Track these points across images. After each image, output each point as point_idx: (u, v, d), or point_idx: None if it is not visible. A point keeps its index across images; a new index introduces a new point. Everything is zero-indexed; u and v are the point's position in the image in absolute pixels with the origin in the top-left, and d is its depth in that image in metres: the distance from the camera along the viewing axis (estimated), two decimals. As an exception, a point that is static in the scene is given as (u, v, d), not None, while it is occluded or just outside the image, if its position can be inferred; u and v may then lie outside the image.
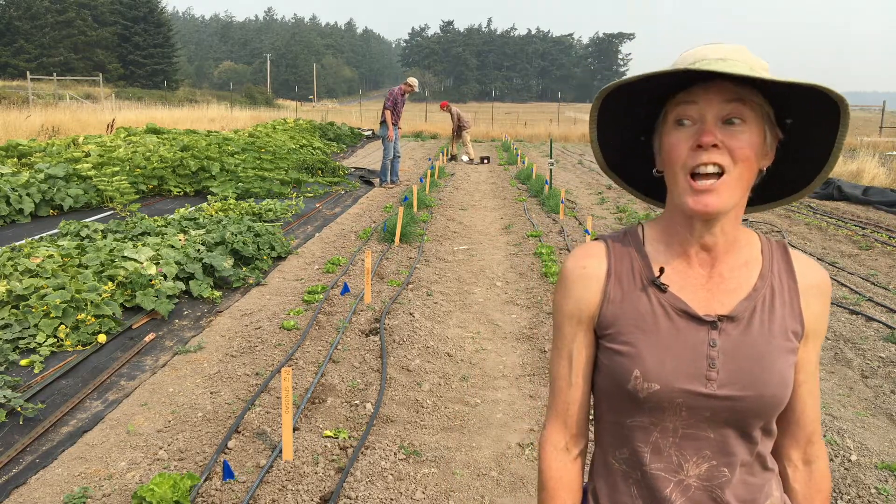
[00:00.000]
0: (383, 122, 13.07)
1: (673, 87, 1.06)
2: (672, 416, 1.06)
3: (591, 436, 1.23)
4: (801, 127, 1.08)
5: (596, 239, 1.19)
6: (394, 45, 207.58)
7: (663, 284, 1.09)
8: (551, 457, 1.18)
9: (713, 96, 1.01)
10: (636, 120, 1.14)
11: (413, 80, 13.37)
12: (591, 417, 1.21)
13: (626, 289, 1.11)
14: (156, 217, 8.02)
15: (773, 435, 1.12)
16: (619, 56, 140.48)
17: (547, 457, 1.19)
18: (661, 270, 1.10)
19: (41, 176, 9.61)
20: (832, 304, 6.05)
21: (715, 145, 1.00)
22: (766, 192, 1.15)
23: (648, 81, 1.04)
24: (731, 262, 1.10)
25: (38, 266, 5.27)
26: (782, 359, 1.06)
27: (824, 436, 3.63)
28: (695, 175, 1.03)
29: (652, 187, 1.21)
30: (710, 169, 1.01)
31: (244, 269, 6.53)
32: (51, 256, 5.57)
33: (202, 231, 7.10)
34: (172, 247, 6.23)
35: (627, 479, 1.12)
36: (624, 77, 1.04)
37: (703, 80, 1.02)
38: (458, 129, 18.98)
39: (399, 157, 13.52)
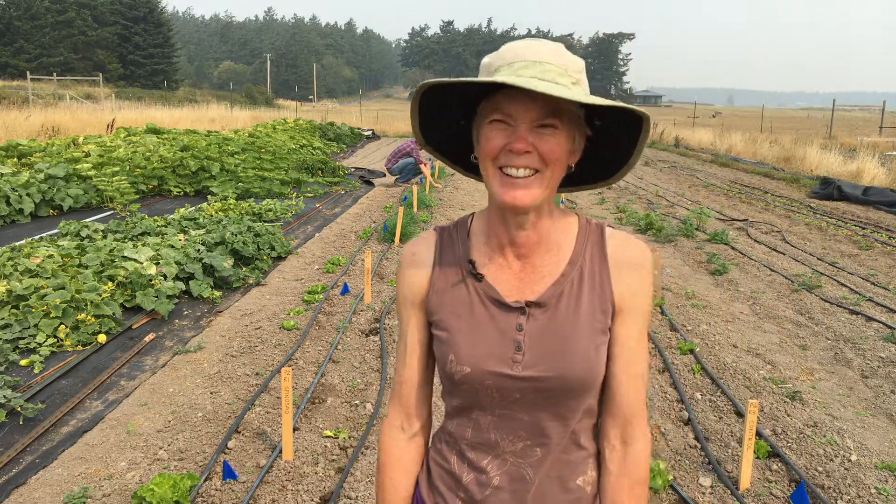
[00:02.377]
0: (411, 168, 13.72)
1: (491, 86, 1.06)
2: (486, 397, 1.12)
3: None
4: (610, 129, 1.13)
5: (434, 228, 1.24)
6: (394, 45, 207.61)
7: (479, 274, 1.15)
8: (387, 435, 1.26)
9: (530, 103, 1.03)
10: (457, 108, 1.16)
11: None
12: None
13: (449, 278, 1.17)
14: (156, 217, 8.02)
15: (591, 415, 1.15)
16: (619, 56, 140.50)
17: (383, 435, 1.27)
18: (472, 262, 1.15)
19: (41, 176, 9.61)
20: (832, 303, 6.05)
21: (528, 151, 1.04)
22: (574, 178, 1.19)
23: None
24: (542, 251, 1.14)
25: (38, 266, 5.27)
26: (588, 339, 1.09)
27: (824, 435, 3.63)
28: (506, 172, 1.07)
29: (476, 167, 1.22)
30: (521, 172, 1.05)
31: (244, 269, 6.53)
32: (51, 256, 5.57)
33: (202, 231, 7.10)
34: (172, 247, 6.23)
35: (452, 449, 1.19)
36: (448, 79, 1.05)
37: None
38: None
39: (422, 175, 13.64)
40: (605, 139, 1.15)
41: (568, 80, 1.04)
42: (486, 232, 1.18)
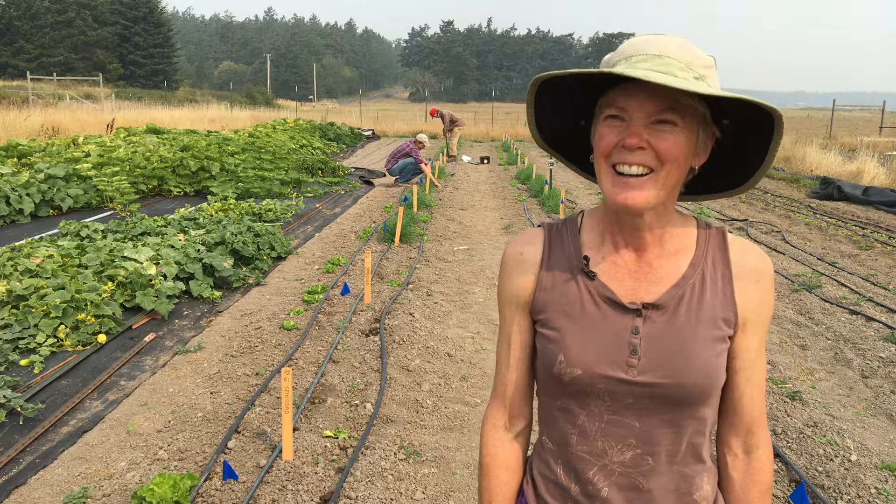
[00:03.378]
0: (411, 168, 13.78)
1: (609, 81, 1.03)
2: (596, 401, 1.07)
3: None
4: (739, 129, 1.07)
5: (540, 225, 1.20)
6: (394, 45, 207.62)
7: (591, 272, 1.10)
8: (489, 435, 1.22)
9: (644, 97, 0.99)
10: (576, 107, 1.12)
11: (423, 138, 14.24)
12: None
13: (558, 276, 1.12)
14: (156, 217, 8.02)
15: (706, 425, 1.10)
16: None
17: (485, 435, 1.22)
18: (587, 259, 1.11)
19: (41, 176, 9.61)
20: (832, 303, 6.05)
21: (641, 147, 0.99)
22: (703, 185, 1.14)
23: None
24: (660, 252, 1.10)
25: (38, 266, 5.27)
26: (708, 347, 1.05)
27: (824, 435, 3.63)
28: (618, 170, 1.02)
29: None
30: (635, 170, 1.01)
31: (244, 269, 6.53)
32: (51, 256, 5.57)
33: (202, 231, 7.10)
34: (172, 247, 6.23)
35: (557, 458, 1.14)
36: (559, 71, 1.02)
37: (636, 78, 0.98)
38: (451, 124, 19.13)
39: (423, 175, 13.69)
40: (735, 143, 1.08)
41: (689, 75, 0.98)
42: (600, 229, 1.13)
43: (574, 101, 1.11)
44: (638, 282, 1.09)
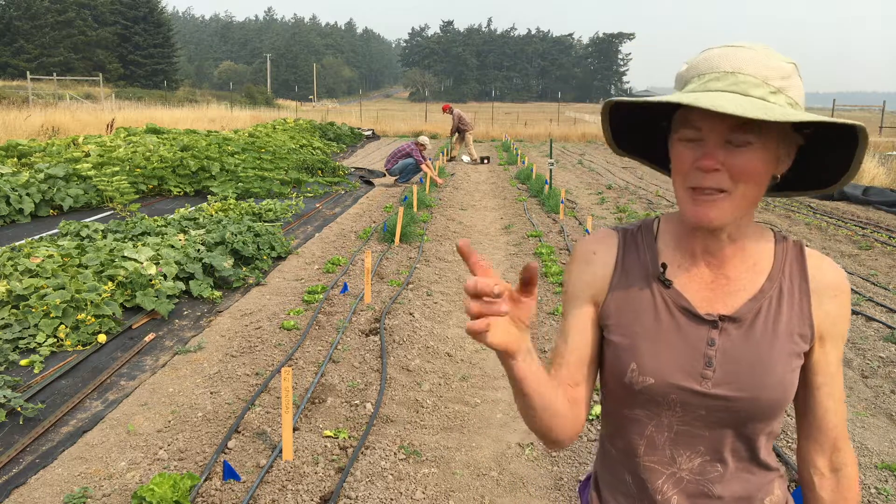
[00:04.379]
0: (411, 168, 13.80)
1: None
2: (667, 411, 1.06)
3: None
4: (825, 135, 1.04)
5: (613, 228, 1.18)
6: (394, 45, 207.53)
7: (668, 280, 1.08)
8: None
9: (718, 118, 0.96)
10: (651, 117, 1.11)
11: (425, 140, 14.20)
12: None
13: (632, 281, 1.11)
14: (156, 217, 8.02)
15: (774, 436, 1.11)
16: (619, 56, 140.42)
17: None
18: (664, 266, 1.09)
19: (41, 176, 9.61)
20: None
21: (716, 168, 0.97)
22: (790, 183, 1.11)
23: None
24: (738, 264, 1.08)
25: (38, 266, 5.27)
26: (784, 362, 1.04)
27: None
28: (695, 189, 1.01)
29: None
30: (709, 192, 0.99)
31: (244, 269, 6.53)
32: (51, 256, 5.57)
33: (202, 231, 7.10)
34: (172, 247, 6.23)
35: (623, 467, 1.13)
36: (631, 98, 1.03)
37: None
38: (458, 130, 19.00)
39: (422, 175, 13.72)
40: (822, 146, 1.05)
41: (765, 91, 0.96)
42: (676, 237, 1.12)
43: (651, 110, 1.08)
44: (714, 293, 1.07)
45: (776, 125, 0.97)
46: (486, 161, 18.85)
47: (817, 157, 1.07)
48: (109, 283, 5.18)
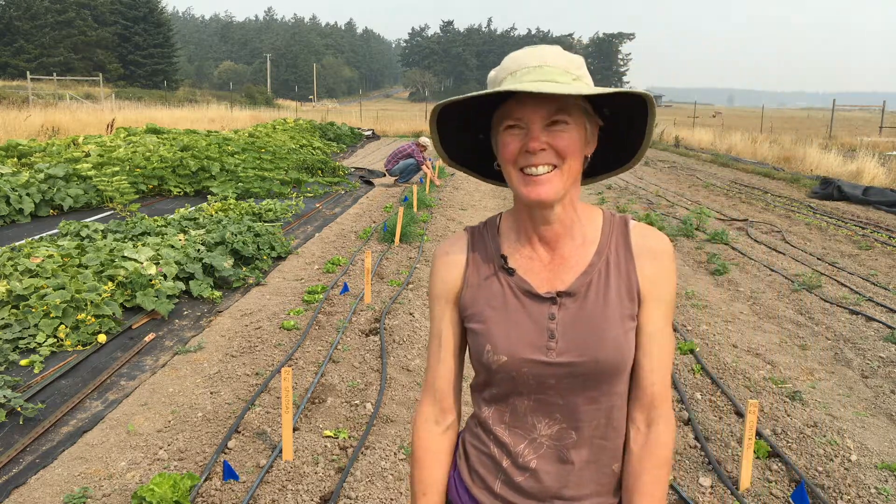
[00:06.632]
0: (412, 168, 13.82)
1: (501, 95, 1.14)
2: (522, 384, 1.18)
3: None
4: (620, 114, 1.19)
5: (465, 229, 1.31)
6: (394, 45, 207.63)
7: (510, 269, 1.21)
8: (421, 428, 1.31)
9: (536, 105, 1.10)
10: (474, 124, 1.24)
11: (426, 141, 14.14)
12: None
13: (482, 274, 1.24)
14: (156, 217, 8.02)
15: (623, 399, 1.20)
16: (619, 56, 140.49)
17: (417, 428, 1.31)
18: (504, 258, 1.22)
19: (41, 176, 9.61)
20: (832, 302, 6.05)
21: (543, 149, 1.11)
22: (592, 168, 1.25)
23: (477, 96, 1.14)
24: (569, 243, 1.21)
25: (38, 266, 5.27)
26: (617, 325, 1.15)
27: (824, 435, 3.63)
28: (526, 172, 1.14)
29: (501, 175, 1.30)
30: (541, 169, 1.12)
31: (244, 269, 6.53)
32: (51, 256, 5.57)
33: (202, 231, 7.10)
34: (172, 247, 6.23)
35: (489, 433, 1.24)
36: (457, 97, 1.13)
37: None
38: None
39: (422, 175, 13.73)
40: (619, 127, 1.21)
41: (568, 78, 1.11)
42: (516, 228, 1.25)
43: (473, 118, 1.22)
44: (552, 272, 1.20)
45: (581, 108, 1.13)
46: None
47: (621, 139, 1.22)
48: (109, 283, 5.18)
